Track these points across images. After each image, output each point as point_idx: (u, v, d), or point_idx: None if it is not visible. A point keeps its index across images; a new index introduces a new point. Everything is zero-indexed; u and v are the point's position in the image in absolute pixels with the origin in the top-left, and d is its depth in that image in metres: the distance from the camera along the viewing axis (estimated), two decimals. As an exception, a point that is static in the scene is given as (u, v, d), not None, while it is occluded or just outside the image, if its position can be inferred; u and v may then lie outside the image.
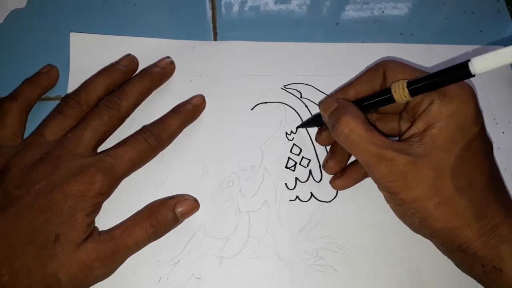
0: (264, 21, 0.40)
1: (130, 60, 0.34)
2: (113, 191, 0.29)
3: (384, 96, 0.28)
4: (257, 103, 0.35)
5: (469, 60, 0.23)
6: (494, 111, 0.36)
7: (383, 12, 0.41)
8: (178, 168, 0.32)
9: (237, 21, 0.40)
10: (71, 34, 0.36)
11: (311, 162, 0.33)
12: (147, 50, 0.36)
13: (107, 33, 0.37)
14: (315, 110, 0.35)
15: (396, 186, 0.26)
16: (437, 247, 0.28)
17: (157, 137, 0.31)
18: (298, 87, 0.36)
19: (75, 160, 0.28)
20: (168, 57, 0.35)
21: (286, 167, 0.33)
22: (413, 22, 0.41)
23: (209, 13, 0.40)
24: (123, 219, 0.30)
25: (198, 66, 0.36)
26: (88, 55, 0.36)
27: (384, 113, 0.32)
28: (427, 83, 0.25)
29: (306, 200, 0.32)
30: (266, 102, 0.35)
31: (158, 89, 0.35)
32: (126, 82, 0.33)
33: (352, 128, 0.26)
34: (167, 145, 0.32)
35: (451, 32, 0.41)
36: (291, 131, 0.34)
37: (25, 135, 0.32)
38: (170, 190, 0.31)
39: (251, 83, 0.36)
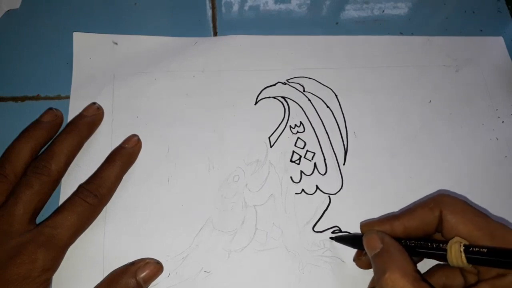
0: (263, 21, 0.40)
1: (53, 115, 0.31)
2: (60, 262, 0.27)
3: (437, 251, 0.25)
4: (261, 98, 0.35)
5: None
6: (495, 101, 0.37)
7: (383, 11, 0.42)
8: (184, 164, 0.32)
9: (237, 21, 0.40)
10: (74, 33, 0.36)
11: (315, 155, 0.34)
12: (150, 48, 0.36)
13: (105, 32, 0.37)
14: (318, 103, 0.35)
15: None
16: None
17: (96, 194, 0.28)
18: (301, 81, 0.36)
19: (10, 240, 0.26)
20: (94, 103, 0.33)
21: (291, 160, 0.33)
22: (413, 21, 0.41)
23: (209, 12, 0.40)
24: (130, 218, 0.30)
25: (201, 61, 0.36)
26: (91, 54, 0.36)
27: None
28: (486, 259, 0.23)
29: (311, 193, 0.32)
30: (269, 97, 0.35)
31: (161, 88, 0.35)
32: (53, 140, 0.30)
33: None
34: (110, 199, 0.30)
35: (451, 31, 0.41)
36: (295, 125, 0.35)
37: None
38: (176, 185, 0.31)
39: (254, 78, 0.36)
